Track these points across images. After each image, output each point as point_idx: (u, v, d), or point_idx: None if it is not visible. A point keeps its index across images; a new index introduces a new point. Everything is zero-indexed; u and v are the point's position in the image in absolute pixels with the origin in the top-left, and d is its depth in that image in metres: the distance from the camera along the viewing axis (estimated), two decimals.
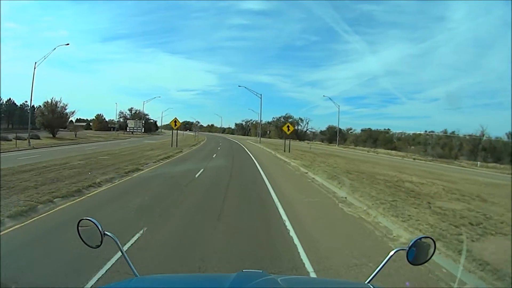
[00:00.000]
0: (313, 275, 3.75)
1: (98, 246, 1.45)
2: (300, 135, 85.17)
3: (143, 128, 66.79)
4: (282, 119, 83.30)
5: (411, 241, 1.43)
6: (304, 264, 4.12)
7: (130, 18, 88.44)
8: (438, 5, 60.31)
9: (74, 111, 44.79)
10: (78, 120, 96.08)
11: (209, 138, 62.71)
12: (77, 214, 5.94)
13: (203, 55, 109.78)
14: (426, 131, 54.59)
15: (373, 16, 74.43)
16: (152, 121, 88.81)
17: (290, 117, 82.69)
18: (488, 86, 67.82)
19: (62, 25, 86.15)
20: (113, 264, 3.76)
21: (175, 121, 27.59)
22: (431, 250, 1.45)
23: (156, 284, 1.36)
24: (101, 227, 1.43)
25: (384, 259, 1.46)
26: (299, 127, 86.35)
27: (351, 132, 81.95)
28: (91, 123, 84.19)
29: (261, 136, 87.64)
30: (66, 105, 41.67)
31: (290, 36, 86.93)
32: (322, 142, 79.43)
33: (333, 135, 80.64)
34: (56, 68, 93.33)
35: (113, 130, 75.89)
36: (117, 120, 71.13)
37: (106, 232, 1.44)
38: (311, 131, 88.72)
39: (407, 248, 1.42)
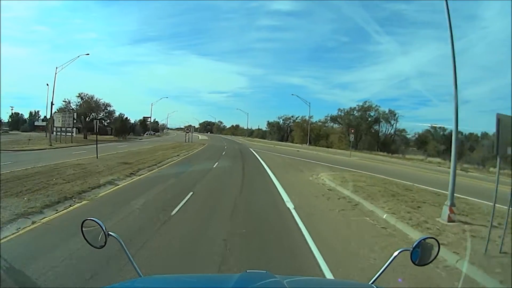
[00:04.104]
0: None
1: (102, 246, 1.45)
2: (385, 143, 45.28)
3: (76, 129, 33.38)
4: (354, 112, 44.15)
5: (415, 242, 1.42)
6: None
7: (160, 20, 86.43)
8: (469, 3, 51.92)
9: None
10: (44, 119, 71.28)
11: (209, 148, 27.16)
12: None
13: (233, 57, 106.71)
14: None
15: (404, 15, 72.63)
16: (131, 120, 56.09)
17: (372, 107, 43.05)
18: None
19: (91, 27, 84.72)
20: None
21: None
22: (435, 250, 1.43)
23: (159, 284, 1.36)
24: (105, 227, 1.43)
25: (388, 260, 1.44)
26: (383, 129, 45.91)
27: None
28: None
29: (309, 142, 49.58)
30: None
31: (320, 37, 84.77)
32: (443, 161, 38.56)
33: (448, 145, 40.50)
34: (86, 70, 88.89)
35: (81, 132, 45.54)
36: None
37: (110, 233, 1.44)
38: (400, 135, 47.69)
39: (411, 249, 1.41)
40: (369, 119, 42.24)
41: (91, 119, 44.40)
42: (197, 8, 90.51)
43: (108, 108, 43.32)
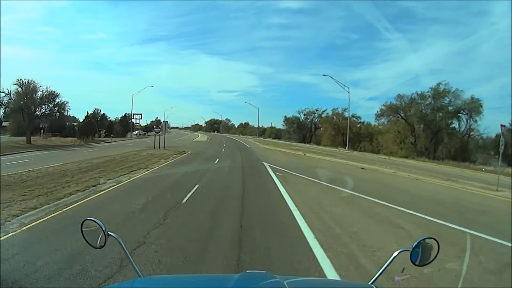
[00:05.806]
0: None
1: (102, 246, 1.39)
2: (463, 147, 30.10)
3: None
4: (420, 101, 29.16)
5: (415, 242, 1.38)
6: None
7: (168, 20, 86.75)
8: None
9: None
10: None
11: (175, 166, 13.87)
12: None
13: (243, 56, 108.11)
14: None
15: (414, 12, 70.17)
16: (108, 118, 43.31)
17: (449, 91, 27.78)
18: None
19: (100, 27, 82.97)
20: None
21: None
22: (435, 250, 1.39)
23: (159, 285, 1.33)
24: (104, 227, 1.37)
25: (387, 260, 1.40)
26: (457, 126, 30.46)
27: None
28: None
29: (347, 144, 34.04)
30: None
31: (330, 35, 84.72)
32: None
33: None
34: (95, 70, 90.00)
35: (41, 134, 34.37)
36: None
37: (110, 233, 1.39)
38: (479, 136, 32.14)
39: (411, 249, 1.37)
40: (449, 109, 27.09)
41: (37, 116, 31.64)
42: (205, 7, 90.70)
43: (57, 100, 29.73)
